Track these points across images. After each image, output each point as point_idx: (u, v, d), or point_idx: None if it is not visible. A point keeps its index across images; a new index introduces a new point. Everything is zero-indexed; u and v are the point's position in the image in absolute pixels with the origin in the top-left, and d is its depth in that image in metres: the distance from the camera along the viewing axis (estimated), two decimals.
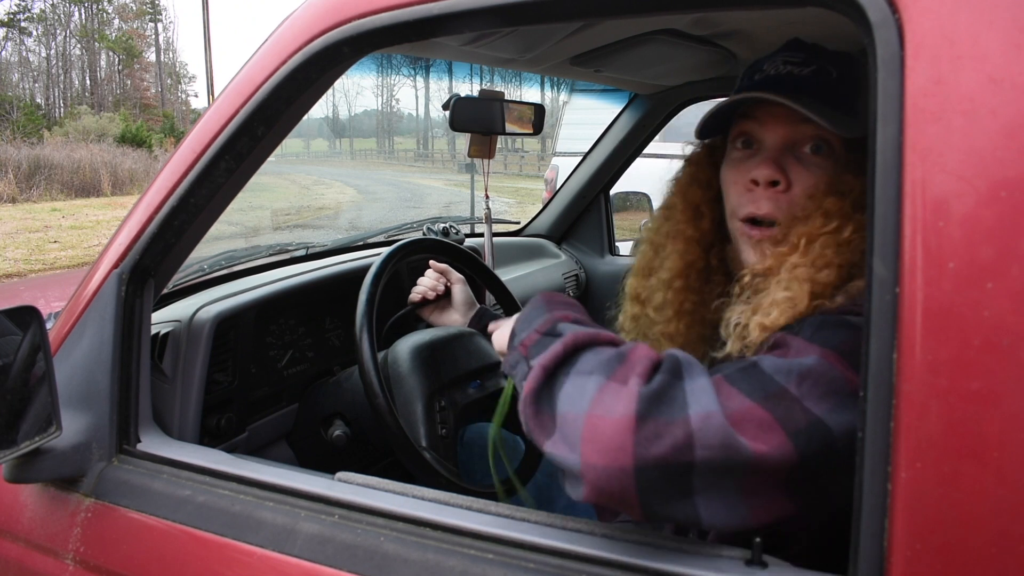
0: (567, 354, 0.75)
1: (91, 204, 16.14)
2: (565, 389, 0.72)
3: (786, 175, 0.90)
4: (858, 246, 0.83)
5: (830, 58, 0.93)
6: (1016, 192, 0.53)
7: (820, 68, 0.91)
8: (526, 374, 0.78)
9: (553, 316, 0.84)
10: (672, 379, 0.69)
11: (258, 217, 13.50)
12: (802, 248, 0.85)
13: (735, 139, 0.97)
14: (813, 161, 0.90)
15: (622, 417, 0.66)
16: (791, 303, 0.82)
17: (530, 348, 0.80)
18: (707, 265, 1.03)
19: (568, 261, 2.42)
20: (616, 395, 0.68)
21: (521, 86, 8.27)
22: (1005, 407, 0.53)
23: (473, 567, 0.74)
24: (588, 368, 0.73)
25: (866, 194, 0.84)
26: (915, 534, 0.56)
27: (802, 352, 0.74)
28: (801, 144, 0.91)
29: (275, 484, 0.91)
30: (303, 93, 0.95)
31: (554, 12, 0.79)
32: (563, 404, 0.71)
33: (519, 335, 0.84)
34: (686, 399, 0.67)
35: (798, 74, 0.91)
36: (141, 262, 1.04)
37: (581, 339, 0.76)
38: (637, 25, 1.23)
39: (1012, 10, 0.54)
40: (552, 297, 0.89)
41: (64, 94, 49.03)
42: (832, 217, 0.85)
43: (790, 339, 0.77)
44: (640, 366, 0.70)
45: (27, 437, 0.94)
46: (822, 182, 0.89)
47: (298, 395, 1.55)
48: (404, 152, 54.80)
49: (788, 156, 0.91)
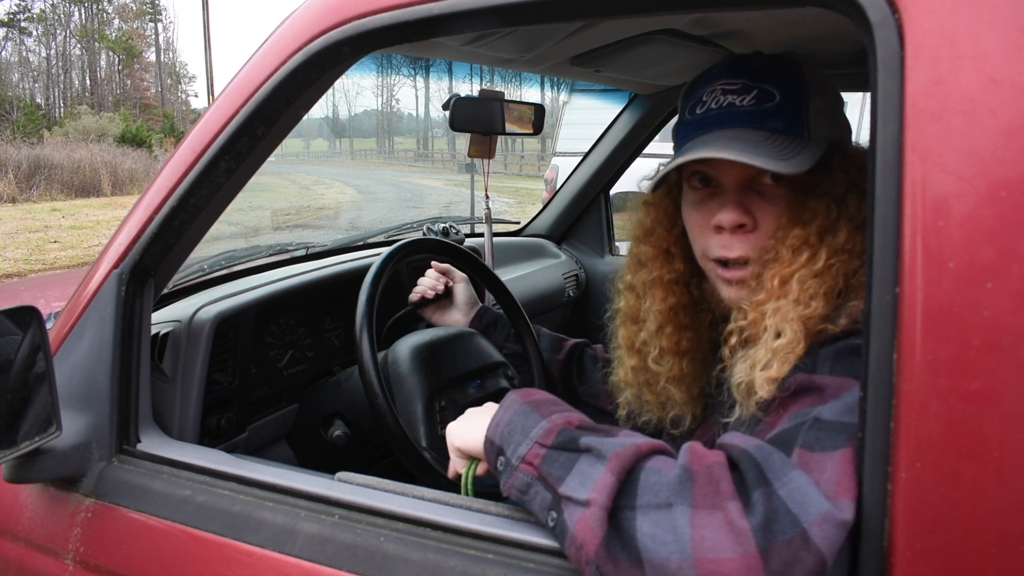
0: (621, 482, 0.66)
1: (91, 204, 16.14)
2: (644, 530, 0.63)
3: (751, 215, 0.88)
4: (840, 269, 0.82)
5: (769, 76, 0.89)
6: (1016, 192, 0.53)
7: (761, 92, 0.87)
8: (552, 505, 0.70)
9: (554, 423, 0.76)
10: (766, 490, 0.63)
11: (258, 217, 13.50)
12: (778, 290, 0.82)
13: (690, 177, 0.94)
14: (775, 193, 0.87)
15: (744, 557, 0.59)
16: (789, 348, 0.79)
17: (542, 468, 0.72)
18: (692, 299, 1.02)
19: (568, 261, 2.42)
20: (719, 530, 0.61)
21: (521, 86, 8.26)
22: (1005, 407, 0.53)
23: (473, 567, 0.74)
24: (661, 497, 0.65)
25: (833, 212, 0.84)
26: (915, 534, 0.56)
27: (842, 389, 0.71)
28: (759, 177, 0.88)
29: (275, 484, 0.91)
30: (303, 93, 0.95)
31: (554, 12, 0.79)
32: (651, 549, 0.62)
33: (513, 448, 0.76)
34: (790, 508, 0.61)
35: (739, 105, 0.88)
36: (141, 262, 1.04)
37: (628, 458, 0.68)
38: (637, 25, 1.22)
39: (1012, 10, 0.54)
40: (531, 395, 0.82)
41: (64, 94, 49.04)
42: (800, 250, 0.83)
43: (816, 379, 0.74)
44: (722, 482, 0.64)
45: (27, 437, 0.94)
46: (785, 214, 0.86)
47: (298, 395, 1.55)
48: (404, 152, 54.81)
49: (749, 193, 0.88)
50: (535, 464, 0.73)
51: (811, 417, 0.70)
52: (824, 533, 0.60)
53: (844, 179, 0.86)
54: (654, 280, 1.02)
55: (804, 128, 0.87)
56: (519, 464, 0.74)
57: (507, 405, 0.81)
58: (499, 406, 0.82)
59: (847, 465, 0.63)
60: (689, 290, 1.02)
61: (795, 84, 0.89)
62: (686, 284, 1.02)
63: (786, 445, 0.68)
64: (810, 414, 0.71)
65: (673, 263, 1.01)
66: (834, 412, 0.69)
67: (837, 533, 0.60)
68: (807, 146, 0.86)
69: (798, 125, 0.87)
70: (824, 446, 0.66)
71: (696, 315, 1.02)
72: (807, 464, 0.65)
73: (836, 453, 0.65)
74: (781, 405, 0.77)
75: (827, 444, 0.66)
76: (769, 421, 0.78)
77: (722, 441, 0.71)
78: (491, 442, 0.80)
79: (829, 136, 0.89)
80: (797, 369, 0.78)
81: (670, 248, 1.01)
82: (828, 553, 0.59)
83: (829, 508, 0.61)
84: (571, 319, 2.42)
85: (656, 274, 1.02)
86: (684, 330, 1.01)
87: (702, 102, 0.92)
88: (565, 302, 2.33)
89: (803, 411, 0.72)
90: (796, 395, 0.76)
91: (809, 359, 0.78)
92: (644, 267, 1.04)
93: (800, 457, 0.66)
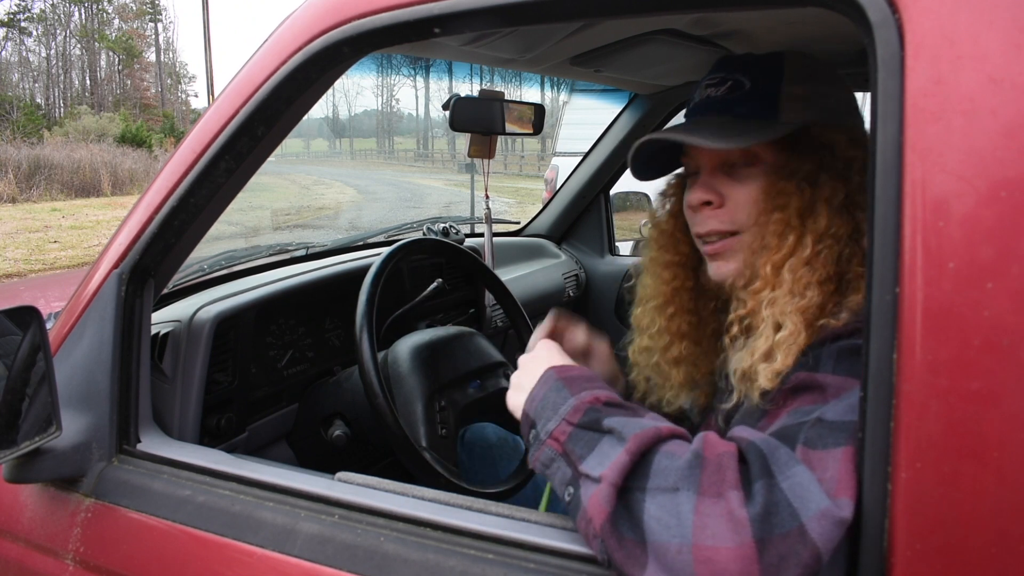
0: (635, 463, 0.68)
1: (91, 204, 16.14)
2: (650, 512, 0.65)
3: (717, 192, 0.93)
4: (828, 256, 0.85)
5: (744, 67, 0.95)
6: (1016, 192, 0.53)
7: (734, 83, 0.94)
8: (571, 480, 0.72)
9: (582, 400, 0.78)
10: (769, 482, 0.64)
11: (258, 217, 13.50)
12: (772, 279, 0.86)
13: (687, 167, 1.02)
14: (746, 174, 0.92)
15: (740, 547, 0.60)
16: (792, 339, 0.82)
17: (567, 445, 0.74)
18: (696, 284, 1.06)
19: (568, 261, 2.42)
20: (719, 518, 0.62)
21: (521, 86, 8.27)
22: (1005, 407, 0.53)
23: (473, 567, 0.74)
24: (669, 481, 0.66)
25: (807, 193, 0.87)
26: (915, 534, 0.56)
27: (843, 388, 0.72)
28: (729, 159, 0.93)
29: (275, 484, 0.91)
30: (303, 93, 0.95)
31: (554, 12, 0.79)
32: (655, 531, 0.64)
33: (543, 423, 0.78)
34: (790, 502, 0.62)
35: (714, 96, 0.95)
36: (141, 262, 1.04)
37: (646, 441, 0.70)
38: (637, 25, 1.23)
39: (1012, 10, 0.54)
40: (566, 371, 0.84)
41: (64, 94, 49.04)
42: (784, 235, 0.87)
43: (819, 378, 0.75)
44: (728, 471, 0.65)
45: (27, 437, 0.94)
46: (758, 193, 0.91)
47: (298, 395, 1.55)
48: (404, 152, 54.81)
49: (719, 174, 0.94)
50: (561, 440, 0.75)
51: (814, 416, 0.71)
52: (822, 529, 0.60)
53: (813, 158, 0.90)
54: (661, 260, 1.08)
55: (775, 112, 0.92)
56: (547, 439, 0.76)
57: (543, 379, 0.84)
58: (538, 379, 0.85)
59: (848, 463, 0.64)
60: (695, 275, 1.06)
61: (771, 72, 0.93)
62: (692, 268, 1.06)
63: (787, 440, 0.69)
64: (813, 413, 0.71)
65: (679, 247, 1.06)
66: (837, 412, 0.70)
67: (834, 530, 0.60)
68: (769, 128, 0.90)
69: (768, 109, 0.92)
70: (826, 443, 0.67)
71: (700, 300, 1.06)
72: (809, 461, 0.66)
73: (838, 451, 0.65)
74: (782, 399, 0.79)
75: (829, 442, 0.67)
76: (770, 415, 0.79)
77: (732, 434, 0.72)
78: (526, 415, 0.83)
79: (804, 120, 0.92)
80: (800, 365, 0.80)
81: (675, 233, 1.07)
82: (824, 549, 0.60)
83: (829, 505, 0.61)
84: None
85: (662, 255, 1.08)
86: (686, 313, 1.05)
87: (692, 100, 0.99)
88: (565, 302, 2.33)
89: (805, 408, 0.73)
90: (797, 392, 0.77)
91: (812, 356, 0.79)
92: (652, 248, 1.10)
93: (802, 454, 0.67)
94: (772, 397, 0.81)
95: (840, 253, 0.85)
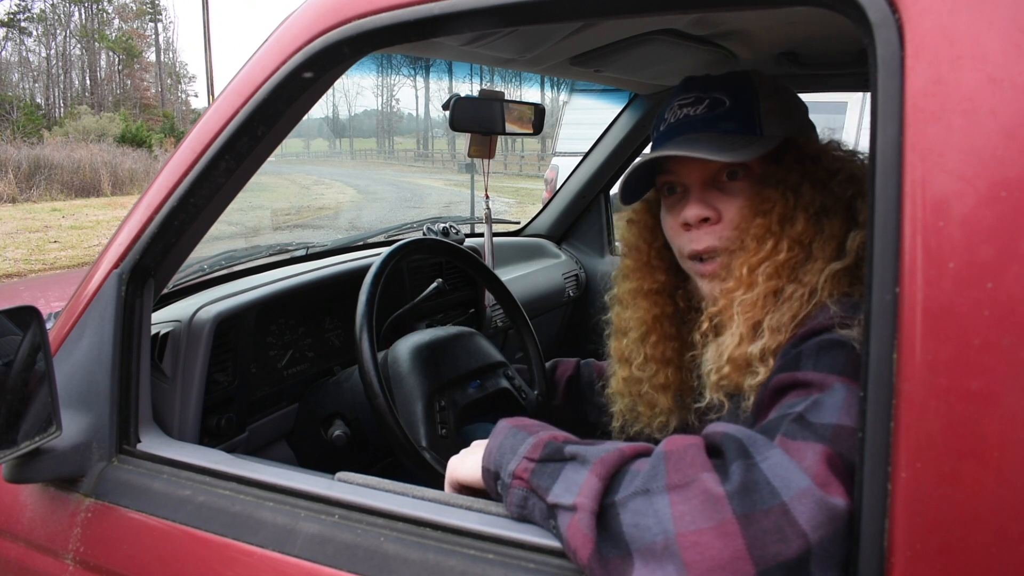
0: (605, 486, 0.68)
1: (91, 204, 16.14)
2: (627, 521, 0.64)
3: (714, 208, 0.95)
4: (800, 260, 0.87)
5: (718, 86, 0.97)
6: (1016, 192, 0.53)
7: (712, 101, 0.96)
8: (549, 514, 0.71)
9: (540, 438, 0.77)
10: (746, 462, 0.64)
11: (258, 217, 13.50)
12: (747, 279, 0.88)
13: (662, 188, 1.03)
14: (734, 187, 0.94)
15: (721, 523, 0.60)
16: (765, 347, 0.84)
17: (532, 481, 0.73)
18: (676, 310, 1.07)
19: (568, 261, 2.42)
20: (695, 501, 0.62)
21: (521, 86, 8.27)
22: (1005, 407, 0.53)
23: (473, 567, 0.74)
24: (638, 486, 0.65)
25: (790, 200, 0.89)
26: (915, 534, 0.56)
27: (826, 384, 0.73)
28: (719, 174, 0.95)
29: (275, 484, 0.91)
30: (303, 93, 0.95)
31: (554, 12, 0.79)
32: (637, 538, 0.63)
33: (504, 467, 0.77)
34: (770, 480, 0.62)
35: (694, 115, 0.97)
36: (141, 262, 1.04)
37: (611, 462, 0.69)
38: (637, 25, 1.22)
39: (1012, 10, 0.54)
40: (519, 420, 0.84)
41: (64, 94, 49.04)
42: (764, 239, 0.89)
43: (800, 376, 0.76)
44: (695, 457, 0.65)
45: (27, 437, 0.94)
46: (747, 204, 0.93)
47: (298, 395, 1.55)
48: (404, 152, 54.79)
49: (711, 190, 0.96)
50: (525, 478, 0.75)
51: (795, 411, 0.72)
52: (805, 508, 0.60)
53: (798, 168, 0.92)
54: (638, 289, 1.08)
55: (756, 127, 0.94)
56: (512, 481, 0.76)
57: (497, 433, 0.83)
58: (490, 436, 0.84)
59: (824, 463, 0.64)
60: (674, 300, 1.07)
61: (744, 89, 0.96)
62: (670, 295, 1.07)
63: (768, 433, 0.70)
64: (795, 408, 0.72)
65: (656, 274, 1.08)
66: (817, 409, 0.71)
67: (819, 512, 0.60)
68: (758, 142, 0.93)
69: (750, 125, 0.94)
70: (805, 436, 0.68)
71: (682, 326, 1.07)
72: (788, 449, 0.66)
73: (817, 445, 0.66)
74: (767, 402, 0.79)
75: (808, 435, 0.68)
76: (758, 420, 0.80)
77: (707, 430, 0.72)
78: (487, 470, 0.82)
79: (784, 133, 0.95)
80: (780, 368, 0.81)
81: (651, 260, 1.08)
82: (812, 533, 0.59)
83: (810, 484, 0.61)
84: (571, 319, 2.42)
85: (639, 284, 1.08)
86: (669, 340, 1.06)
87: (664, 120, 1.01)
88: (565, 302, 2.33)
89: (788, 403, 0.74)
90: (781, 392, 0.78)
91: (793, 355, 0.80)
92: (629, 279, 1.10)
93: (781, 443, 0.68)
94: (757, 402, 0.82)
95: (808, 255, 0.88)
